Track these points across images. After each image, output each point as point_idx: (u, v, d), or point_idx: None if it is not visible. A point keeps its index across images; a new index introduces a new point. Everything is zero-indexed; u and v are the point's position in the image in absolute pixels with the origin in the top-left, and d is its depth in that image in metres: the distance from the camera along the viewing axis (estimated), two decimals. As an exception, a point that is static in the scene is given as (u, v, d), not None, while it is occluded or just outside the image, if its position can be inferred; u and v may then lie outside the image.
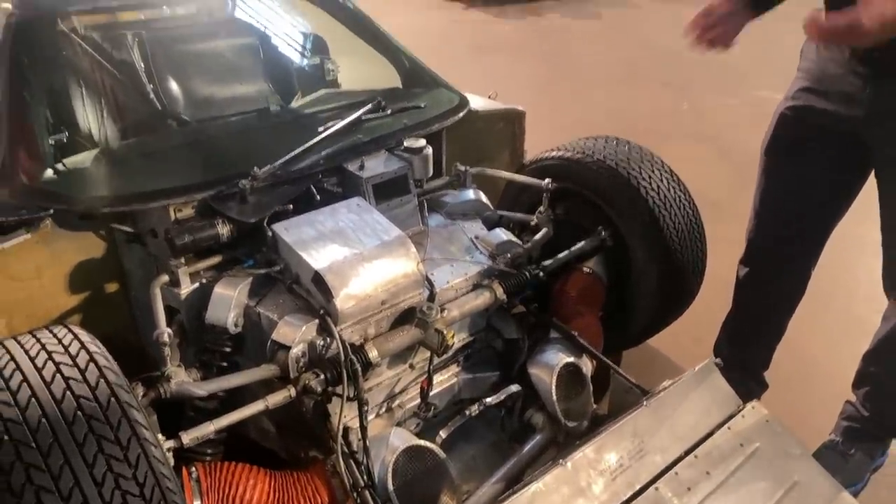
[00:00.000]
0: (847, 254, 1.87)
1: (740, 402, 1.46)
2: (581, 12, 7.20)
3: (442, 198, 1.93)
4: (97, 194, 1.55)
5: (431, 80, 2.25)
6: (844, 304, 2.57)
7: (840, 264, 2.59)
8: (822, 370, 2.29)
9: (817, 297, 2.46)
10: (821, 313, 2.50)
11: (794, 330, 2.05)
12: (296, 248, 1.50)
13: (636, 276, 1.97)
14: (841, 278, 2.65)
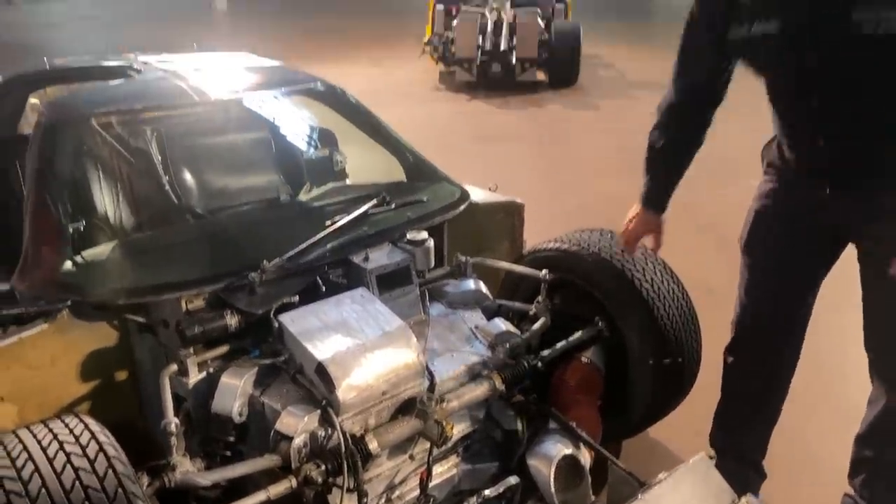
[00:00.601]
0: (843, 340, 1.91)
1: (735, 495, 1.47)
2: (580, 104, 7.48)
3: (443, 287, 2.00)
4: (113, 286, 1.63)
5: (434, 173, 2.36)
6: (842, 391, 2.59)
7: (837, 351, 2.62)
8: (822, 458, 2.28)
9: (816, 384, 2.49)
10: (820, 401, 2.51)
11: (793, 418, 2.07)
12: (300, 339, 1.55)
13: (633, 366, 2.00)
14: (839, 365, 2.67)
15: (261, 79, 2.45)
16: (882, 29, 1.29)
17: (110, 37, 12.79)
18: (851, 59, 1.38)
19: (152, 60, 2.45)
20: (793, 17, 1.43)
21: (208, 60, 2.61)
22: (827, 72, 1.44)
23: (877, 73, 1.38)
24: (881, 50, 1.32)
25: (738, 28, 1.53)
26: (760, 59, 1.56)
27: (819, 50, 1.42)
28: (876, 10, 1.28)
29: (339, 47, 10.88)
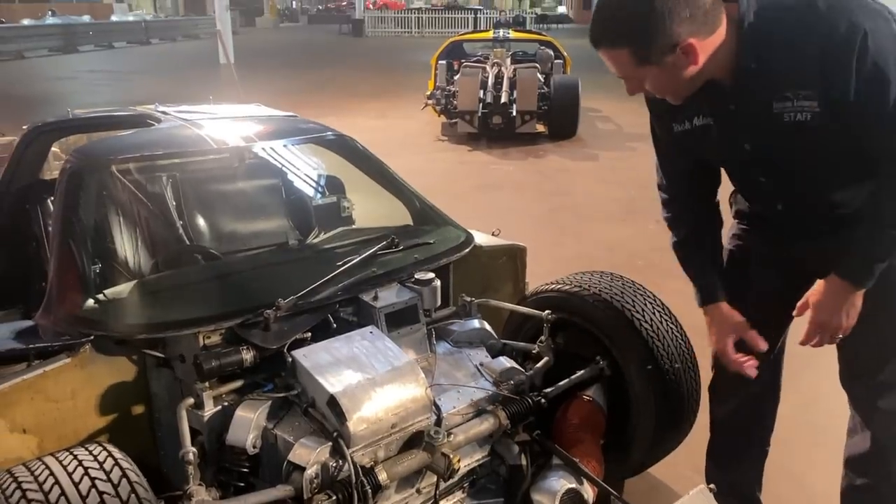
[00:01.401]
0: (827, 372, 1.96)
1: (735, 527, 1.51)
2: (579, 154, 7.66)
3: (449, 326, 2.07)
4: (134, 322, 1.70)
5: (440, 218, 2.45)
6: (831, 422, 2.62)
7: (822, 381, 2.66)
8: (817, 489, 2.30)
9: (811, 421, 2.52)
10: (821, 437, 2.54)
11: (784, 451, 2.10)
12: (313, 373, 1.61)
13: (634, 405, 2.05)
14: (825, 396, 2.70)
15: (275, 128, 2.57)
16: (800, 115, 1.42)
17: (120, 89, 13.15)
18: (779, 143, 1.50)
19: (171, 111, 2.57)
20: (722, 112, 1.54)
21: (224, 111, 2.74)
22: (762, 155, 1.57)
23: (802, 153, 1.51)
24: (802, 133, 1.44)
25: (679, 125, 1.65)
26: (703, 149, 1.68)
27: (752, 137, 1.55)
28: (791, 100, 1.41)
29: (345, 100, 11.18)
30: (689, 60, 1.40)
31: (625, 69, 1.45)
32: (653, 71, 1.43)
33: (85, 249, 1.88)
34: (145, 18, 27.31)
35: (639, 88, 1.52)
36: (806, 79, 1.39)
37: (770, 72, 1.42)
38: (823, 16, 1.35)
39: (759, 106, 1.46)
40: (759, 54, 1.42)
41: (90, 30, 22.74)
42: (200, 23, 29.14)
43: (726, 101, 1.52)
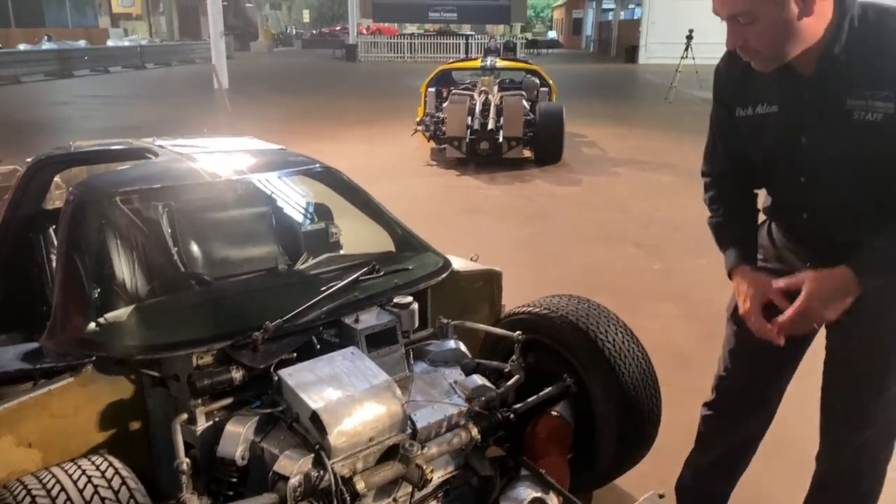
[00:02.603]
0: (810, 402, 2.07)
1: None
2: (564, 179, 7.86)
3: (426, 347, 2.22)
4: (133, 344, 1.85)
5: (420, 245, 2.61)
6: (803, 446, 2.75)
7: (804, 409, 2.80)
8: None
9: (793, 447, 2.64)
10: (802, 466, 2.68)
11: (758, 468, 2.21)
12: (297, 391, 1.76)
13: (598, 420, 2.20)
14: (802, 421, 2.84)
15: (266, 161, 2.73)
16: (871, 115, 1.44)
17: (116, 113, 13.33)
18: (841, 141, 1.52)
19: (167, 144, 2.73)
20: (792, 102, 1.57)
21: (218, 144, 2.90)
22: (817, 151, 1.57)
23: (861, 153, 1.53)
24: (867, 133, 1.48)
25: (742, 110, 1.68)
26: (759, 137, 1.68)
27: (813, 131, 1.56)
28: (867, 99, 1.45)
29: (336, 125, 11.39)
30: (807, 10, 1.41)
31: (743, 1, 1.43)
32: (768, 7, 1.41)
33: (87, 276, 2.03)
34: (141, 43, 27.59)
35: (742, 38, 1.48)
36: (887, 81, 1.42)
37: (854, 67, 1.44)
38: None
39: (833, 99, 1.48)
40: (849, 48, 1.44)
41: (86, 55, 22.99)
42: (196, 47, 29.49)
43: (799, 90, 1.53)
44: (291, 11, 51.10)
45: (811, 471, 1.99)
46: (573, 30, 47.44)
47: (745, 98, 1.67)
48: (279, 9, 49.28)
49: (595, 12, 42.72)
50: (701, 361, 2.41)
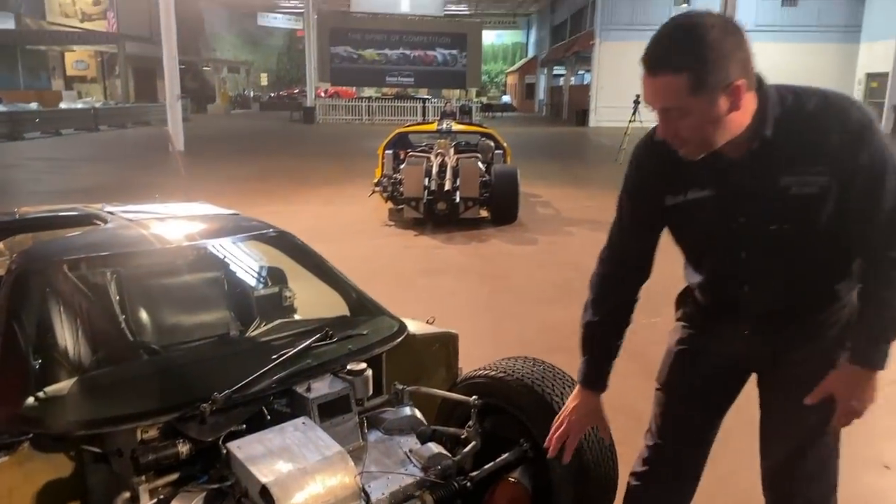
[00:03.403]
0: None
1: None
2: (520, 239, 7.98)
3: (381, 414, 2.19)
4: (74, 418, 1.77)
5: (375, 308, 2.60)
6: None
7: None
8: None
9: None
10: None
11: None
12: (246, 464, 1.70)
13: (556, 486, 2.18)
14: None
15: (218, 226, 2.71)
16: (808, 189, 1.52)
17: (65, 176, 13.11)
18: (780, 215, 1.58)
19: (117, 211, 2.70)
20: (724, 185, 1.60)
21: (170, 210, 2.87)
22: (757, 228, 1.62)
23: (800, 225, 1.60)
24: (806, 206, 1.56)
25: (673, 197, 1.72)
26: (693, 221, 1.72)
27: (750, 210, 1.61)
28: (801, 174, 1.54)
29: (293, 187, 11.40)
30: (734, 104, 1.46)
31: (676, 98, 1.46)
32: (701, 104, 1.45)
33: (27, 349, 1.96)
34: (95, 105, 27.42)
35: (673, 129, 1.53)
36: (818, 156, 1.50)
37: (785, 146, 1.52)
38: (836, 104, 1.51)
39: (767, 178, 1.54)
40: (777, 130, 1.52)
41: (37, 117, 22.70)
42: (151, 109, 29.45)
43: (732, 173, 1.58)
44: (249, 74, 51.63)
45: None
46: (526, 94, 48.99)
47: (675, 186, 1.70)
48: (237, 72, 49.77)
49: (547, 78, 44.30)
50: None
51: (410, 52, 34.40)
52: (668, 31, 1.47)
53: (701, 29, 1.43)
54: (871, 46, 26.30)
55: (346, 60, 34.02)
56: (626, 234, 1.86)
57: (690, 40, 1.43)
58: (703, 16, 1.45)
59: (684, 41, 1.44)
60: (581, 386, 1.93)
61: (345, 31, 33.90)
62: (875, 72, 26.09)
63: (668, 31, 1.47)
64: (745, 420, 1.98)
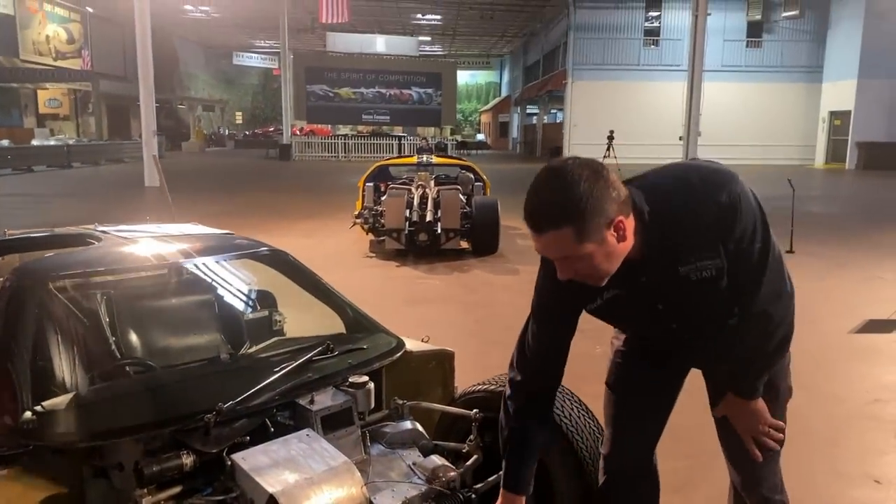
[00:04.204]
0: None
1: None
2: (501, 269, 8.02)
3: (382, 429, 2.17)
4: (74, 431, 1.73)
5: (372, 326, 2.59)
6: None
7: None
8: None
9: None
10: None
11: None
12: (252, 475, 1.68)
13: (558, 497, 2.17)
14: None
15: (212, 244, 2.70)
16: (704, 273, 1.67)
17: (39, 211, 12.90)
18: (689, 298, 1.73)
19: (110, 230, 2.67)
20: (634, 284, 1.71)
21: (164, 229, 2.86)
22: (675, 311, 1.78)
23: (708, 301, 1.74)
24: (707, 287, 1.69)
25: (591, 304, 1.82)
26: (614, 313, 1.88)
27: (663, 298, 1.75)
28: (693, 262, 1.66)
29: (272, 220, 11.35)
30: (621, 236, 1.55)
31: (566, 248, 1.53)
32: (590, 248, 1.52)
33: (23, 363, 1.92)
34: (68, 143, 27.18)
35: (571, 271, 1.59)
36: (703, 243, 1.63)
37: (672, 244, 1.64)
38: (703, 190, 1.62)
39: (667, 273, 1.67)
40: (661, 232, 1.62)
41: (9, 154, 22.42)
42: (125, 146, 29.26)
43: (637, 275, 1.68)
44: (224, 113, 51.73)
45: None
46: (500, 132, 49.71)
47: (589, 297, 1.78)
48: (212, 110, 49.83)
49: (520, 116, 45.05)
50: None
51: (386, 90, 34.84)
52: (541, 187, 1.52)
53: (570, 181, 1.48)
54: (834, 85, 27.28)
55: (322, 98, 34.33)
56: (541, 339, 1.88)
57: (564, 196, 1.49)
58: (569, 166, 1.52)
59: (559, 198, 1.49)
60: (511, 492, 1.88)
61: (321, 70, 34.26)
62: (838, 110, 27.01)
63: (542, 188, 1.52)
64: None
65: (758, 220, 1.63)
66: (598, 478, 2.12)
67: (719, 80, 26.72)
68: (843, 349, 5.14)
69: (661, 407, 2.07)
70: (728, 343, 1.80)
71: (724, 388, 1.87)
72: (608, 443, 2.11)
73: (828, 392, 4.22)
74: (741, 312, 1.75)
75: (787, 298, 1.72)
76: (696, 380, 2.03)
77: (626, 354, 2.08)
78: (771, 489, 1.95)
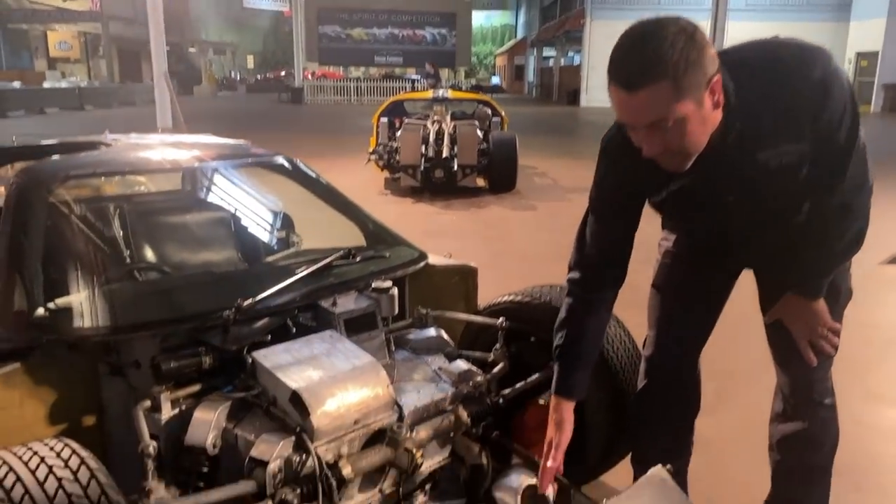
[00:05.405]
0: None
1: (692, 503, 1.56)
2: (519, 205, 7.89)
3: (406, 335, 2.10)
4: (89, 325, 1.66)
5: (393, 238, 2.50)
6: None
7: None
8: (739, 480, 2.37)
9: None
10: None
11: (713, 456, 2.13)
12: (274, 372, 1.61)
13: (587, 407, 2.10)
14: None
15: (226, 152, 2.59)
16: (784, 159, 1.52)
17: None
18: (762, 188, 1.59)
19: (121, 137, 2.57)
20: (704, 174, 1.55)
21: (176, 138, 2.76)
22: (743, 201, 1.63)
23: (780, 193, 1.61)
24: (787, 175, 1.55)
25: (656, 195, 1.69)
26: (679, 209, 1.75)
27: (736, 189, 1.61)
28: (774, 147, 1.51)
29: (285, 159, 11.21)
30: (716, 102, 1.41)
31: (661, 108, 1.37)
32: (688, 108, 1.38)
33: (33, 263, 1.84)
34: (80, 85, 26.93)
35: (660, 143, 1.43)
36: (789, 126, 1.49)
37: (755, 126, 1.49)
38: (795, 66, 1.46)
39: (745, 159, 1.53)
40: (745, 112, 1.47)
41: (21, 95, 22.26)
42: (137, 90, 28.97)
43: (711, 162, 1.52)
44: (235, 57, 50.99)
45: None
46: (515, 75, 48.75)
47: (655, 184, 1.65)
48: (223, 54, 49.14)
49: (536, 59, 44.05)
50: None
51: (399, 31, 34.10)
52: (631, 45, 1.38)
53: (664, 35, 1.34)
54: (861, 25, 26.30)
55: (334, 40, 33.68)
56: (601, 237, 1.77)
57: (659, 48, 1.34)
58: (663, 21, 1.37)
59: (653, 51, 1.34)
60: (565, 397, 1.79)
61: (333, 11, 33.51)
62: (865, 51, 26.12)
63: (631, 46, 1.38)
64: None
65: (848, 102, 1.48)
66: (637, 382, 2.05)
67: (743, 20, 25.77)
68: (876, 279, 5.08)
69: (710, 311, 1.97)
70: (792, 242, 1.68)
71: (782, 289, 1.75)
72: (652, 344, 2.02)
73: (862, 319, 4.13)
74: (816, 206, 1.61)
75: (868, 193, 1.59)
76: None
77: (676, 255, 1.97)
78: (822, 393, 1.86)
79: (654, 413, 2.02)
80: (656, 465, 1.67)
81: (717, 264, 1.89)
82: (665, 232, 2.02)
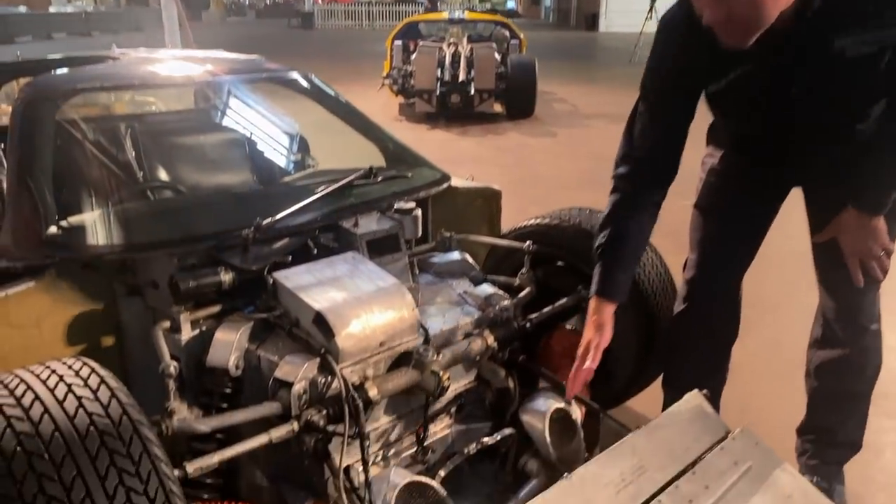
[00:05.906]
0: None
1: (728, 428, 1.51)
2: (537, 131, 7.70)
3: (430, 259, 2.03)
4: (104, 243, 1.60)
5: (414, 159, 2.41)
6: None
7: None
8: (773, 410, 2.34)
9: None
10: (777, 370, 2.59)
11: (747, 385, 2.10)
12: (297, 293, 1.55)
13: (616, 331, 2.04)
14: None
15: (239, 66, 2.47)
16: (863, 49, 1.38)
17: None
18: (833, 81, 1.46)
19: (130, 52, 2.46)
20: (772, 59, 1.45)
21: (186, 53, 2.63)
22: (809, 95, 1.50)
23: (853, 88, 1.47)
24: (859, 68, 1.41)
25: (715, 83, 1.56)
26: (737, 102, 1.61)
27: (805, 79, 1.48)
28: (856, 34, 1.37)
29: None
30: None
31: None
32: None
33: (43, 179, 1.77)
34: (86, 10, 26.33)
35: (725, 8, 1.32)
36: (873, 10, 1.36)
37: (835, 9, 1.36)
38: None
39: (819, 46, 1.40)
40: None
41: (27, 20, 21.83)
42: (144, 14, 28.28)
43: (779, 47, 1.42)
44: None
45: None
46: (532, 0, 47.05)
47: (714, 69, 1.53)
48: (231, -23, 47.64)
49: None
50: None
51: (413, -50, 32.76)
52: None
53: None
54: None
55: (345, -39, 32.48)
56: (653, 128, 1.66)
57: None
58: None
59: None
60: (606, 297, 1.71)
61: (343, -71, 32.18)
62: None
63: None
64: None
65: None
66: (675, 306, 1.98)
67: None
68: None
69: (754, 233, 1.87)
70: (855, 153, 1.56)
71: (836, 207, 1.63)
72: (693, 266, 1.94)
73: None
74: (892, 108, 1.48)
75: None
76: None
77: (721, 174, 1.86)
78: (869, 318, 1.79)
79: (693, 337, 1.96)
80: (691, 389, 1.63)
81: (767, 181, 1.78)
82: (710, 148, 1.90)
